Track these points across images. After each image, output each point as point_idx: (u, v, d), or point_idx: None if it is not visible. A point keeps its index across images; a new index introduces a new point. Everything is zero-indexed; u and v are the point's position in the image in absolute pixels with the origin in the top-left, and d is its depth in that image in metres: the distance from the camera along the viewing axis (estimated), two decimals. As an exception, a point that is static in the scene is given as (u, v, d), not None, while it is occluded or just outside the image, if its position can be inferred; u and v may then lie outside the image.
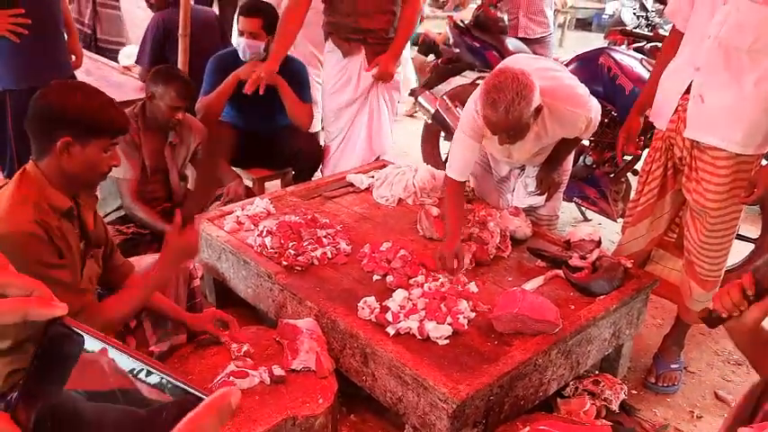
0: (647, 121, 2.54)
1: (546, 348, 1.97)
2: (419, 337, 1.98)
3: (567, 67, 3.13)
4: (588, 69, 3.18)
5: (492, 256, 2.47)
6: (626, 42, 4.27)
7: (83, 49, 3.42)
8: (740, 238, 2.60)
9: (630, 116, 2.52)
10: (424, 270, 2.31)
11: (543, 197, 2.76)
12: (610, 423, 2.03)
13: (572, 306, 2.20)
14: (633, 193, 2.63)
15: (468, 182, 2.87)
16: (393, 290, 2.18)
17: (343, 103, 3.33)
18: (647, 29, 6.47)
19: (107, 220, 2.84)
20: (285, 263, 2.33)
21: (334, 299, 2.17)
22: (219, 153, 3.16)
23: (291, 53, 3.28)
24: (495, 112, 2.15)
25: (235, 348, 2.00)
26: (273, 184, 3.62)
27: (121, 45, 4.57)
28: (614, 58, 3.18)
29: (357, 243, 2.52)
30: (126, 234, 2.74)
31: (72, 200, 1.72)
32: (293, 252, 2.36)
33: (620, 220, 3.12)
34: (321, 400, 1.85)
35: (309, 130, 3.48)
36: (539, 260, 2.49)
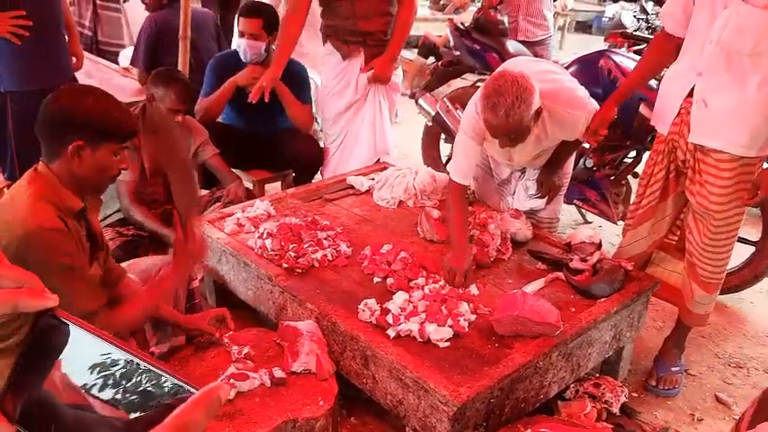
0: (648, 124, 2.54)
1: (547, 351, 1.97)
2: (420, 339, 1.98)
3: (567, 69, 3.13)
4: (588, 72, 3.18)
5: (492, 259, 2.47)
6: (626, 45, 4.28)
7: (83, 51, 3.42)
8: (740, 240, 2.60)
9: (606, 104, 2.43)
10: (424, 272, 2.31)
11: (544, 200, 2.76)
12: (610, 426, 2.03)
13: (573, 308, 2.20)
14: (633, 195, 2.62)
15: (469, 184, 2.87)
16: (393, 292, 2.17)
17: (343, 106, 3.32)
18: (646, 31, 6.49)
19: (108, 222, 2.84)
20: (285, 265, 2.33)
21: (334, 301, 2.17)
22: (177, 150, 3.12)
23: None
24: (496, 116, 2.15)
25: (235, 350, 2.00)
26: (274, 187, 3.62)
27: (122, 47, 4.58)
28: (614, 61, 3.18)
29: (357, 245, 2.51)
30: (126, 236, 2.73)
31: (83, 201, 1.73)
32: (293, 254, 2.36)
33: (620, 222, 3.12)
34: (321, 403, 1.85)
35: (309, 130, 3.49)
36: (539, 263, 2.48)
